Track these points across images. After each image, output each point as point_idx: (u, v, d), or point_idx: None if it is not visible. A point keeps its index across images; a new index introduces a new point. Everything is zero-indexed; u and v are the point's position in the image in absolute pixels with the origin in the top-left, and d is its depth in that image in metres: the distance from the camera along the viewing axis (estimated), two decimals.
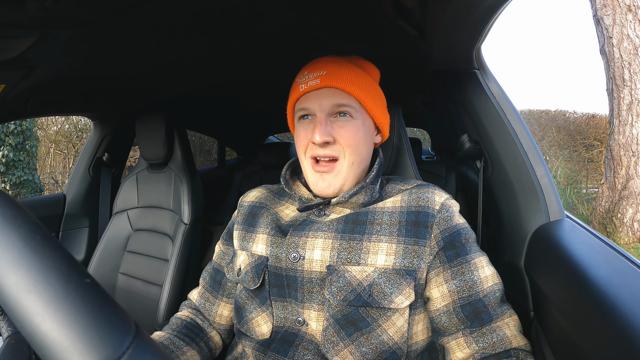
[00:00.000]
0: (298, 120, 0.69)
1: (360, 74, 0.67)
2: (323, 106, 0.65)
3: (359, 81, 0.66)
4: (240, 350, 0.69)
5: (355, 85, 0.65)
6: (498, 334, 0.58)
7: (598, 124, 5.92)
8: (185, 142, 1.43)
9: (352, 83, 0.65)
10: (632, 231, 3.82)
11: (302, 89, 0.66)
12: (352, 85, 0.65)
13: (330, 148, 0.65)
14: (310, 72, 0.67)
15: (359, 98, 0.66)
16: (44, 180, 4.69)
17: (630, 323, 0.42)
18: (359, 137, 0.66)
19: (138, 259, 1.38)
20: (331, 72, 0.65)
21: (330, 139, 0.64)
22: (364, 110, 0.67)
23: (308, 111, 0.67)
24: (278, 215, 0.72)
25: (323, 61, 0.68)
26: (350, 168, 0.66)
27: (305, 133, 0.67)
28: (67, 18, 0.67)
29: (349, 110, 0.65)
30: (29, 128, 3.92)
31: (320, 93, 0.65)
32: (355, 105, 0.66)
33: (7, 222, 0.22)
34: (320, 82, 0.64)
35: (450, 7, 0.61)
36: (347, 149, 0.65)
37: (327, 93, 0.65)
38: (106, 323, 0.21)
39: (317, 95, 0.65)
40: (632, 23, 3.71)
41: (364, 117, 0.67)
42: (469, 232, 0.65)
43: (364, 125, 0.67)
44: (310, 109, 0.66)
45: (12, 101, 1.06)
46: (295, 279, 0.63)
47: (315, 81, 0.65)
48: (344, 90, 0.64)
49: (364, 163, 0.69)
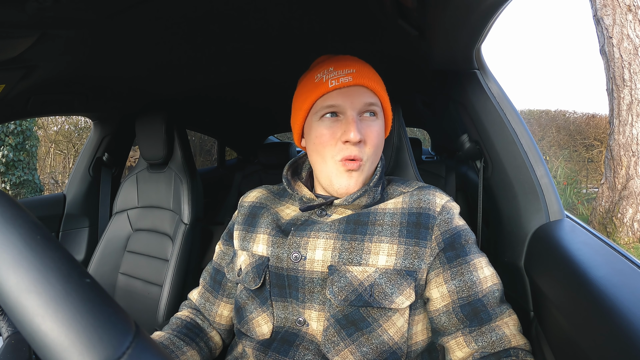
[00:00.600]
0: (320, 119, 0.66)
1: (378, 76, 0.69)
2: (355, 104, 0.63)
3: (380, 82, 0.68)
4: (240, 350, 0.69)
5: (380, 86, 0.67)
6: (497, 333, 0.58)
7: (598, 124, 5.92)
8: (185, 142, 1.43)
9: (378, 83, 0.67)
10: (632, 231, 3.82)
11: (332, 85, 0.63)
12: (379, 85, 0.67)
13: (361, 148, 0.64)
14: (337, 68, 0.65)
15: (383, 99, 0.68)
16: (44, 180, 4.69)
17: (630, 323, 0.42)
18: (381, 137, 0.68)
19: (138, 259, 1.38)
20: (361, 71, 0.65)
21: (363, 137, 0.64)
22: (382, 112, 0.69)
23: (337, 108, 0.64)
24: (278, 215, 0.72)
25: (348, 59, 0.67)
26: (370, 166, 0.67)
27: (333, 132, 0.64)
28: (67, 18, 0.67)
29: (377, 110, 0.66)
30: (29, 128, 3.92)
31: (351, 91, 0.64)
32: (380, 105, 0.68)
33: (7, 222, 0.22)
34: (353, 80, 0.63)
35: (450, 7, 0.61)
36: (371, 149, 0.65)
37: (358, 91, 0.64)
38: (106, 323, 0.21)
39: (348, 92, 0.63)
40: (632, 23, 3.72)
41: (383, 118, 0.69)
42: (469, 233, 0.65)
43: (382, 126, 0.69)
44: (340, 107, 0.63)
45: (12, 101, 1.06)
46: (297, 279, 0.63)
47: (347, 78, 0.63)
48: (373, 90, 0.66)
49: (376, 164, 0.70)
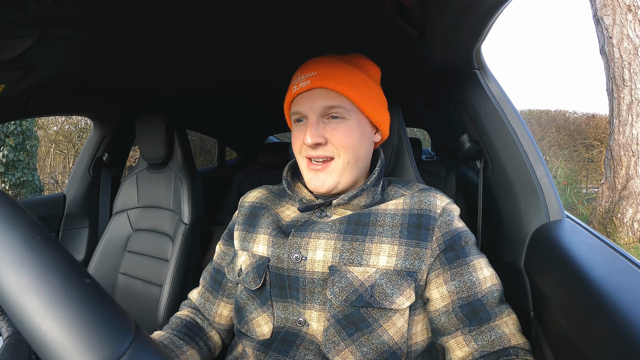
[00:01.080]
0: (294, 123, 0.69)
1: (354, 73, 0.66)
2: (314, 108, 0.64)
3: (352, 80, 0.65)
4: (240, 350, 0.69)
5: (346, 84, 0.64)
6: (496, 332, 0.59)
7: (598, 124, 5.92)
8: (185, 142, 1.43)
9: (343, 83, 0.64)
10: (632, 231, 3.82)
11: (294, 91, 0.66)
12: (343, 84, 0.64)
13: (322, 149, 0.65)
14: (302, 73, 0.67)
15: (351, 97, 0.64)
16: (44, 180, 4.69)
17: (630, 323, 0.42)
18: (353, 138, 0.65)
19: (138, 259, 1.38)
20: (322, 73, 0.64)
21: (322, 140, 0.64)
22: (357, 110, 0.66)
23: (300, 114, 0.66)
24: (279, 216, 0.72)
25: (316, 61, 0.67)
26: (346, 167, 0.66)
27: (299, 135, 0.67)
28: (67, 18, 0.67)
29: (340, 112, 0.64)
30: (29, 128, 3.91)
31: (311, 94, 0.65)
32: (347, 105, 0.65)
33: (7, 222, 0.22)
34: (311, 83, 0.64)
35: (450, 7, 0.61)
36: (341, 149, 0.64)
37: (318, 94, 0.64)
38: (106, 323, 0.21)
39: (308, 96, 0.65)
40: (632, 23, 3.71)
41: (358, 117, 0.66)
42: (469, 235, 0.65)
43: (358, 126, 0.66)
44: (302, 112, 0.66)
45: (12, 101, 1.06)
46: (297, 280, 0.63)
47: (305, 82, 0.65)
48: (335, 90, 0.63)
49: (361, 163, 0.68)
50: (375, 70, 0.73)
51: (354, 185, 0.69)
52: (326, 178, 0.66)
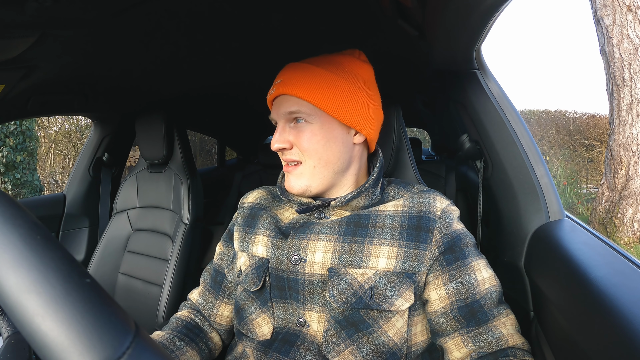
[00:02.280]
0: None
1: (323, 75, 0.64)
2: (279, 114, 0.67)
3: (316, 84, 0.63)
4: (240, 350, 0.69)
5: (307, 89, 0.63)
6: (494, 333, 0.59)
7: (598, 124, 5.92)
8: (185, 142, 1.43)
9: (303, 88, 0.63)
10: (632, 231, 3.82)
11: (268, 98, 0.70)
12: (304, 89, 0.63)
13: (289, 153, 0.67)
14: (275, 79, 0.68)
15: (313, 101, 0.63)
16: (44, 180, 4.69)
17: (630, 323, 0.42)
18: (316, 141, 0.64)
19: (138, 259, 1.38)
20: (286, 79, 0.65)
21: (286, 145, 0.65)
22: (321, 113, 0.64)
23: (273, 120, 0.69)
24: (278, 217, 0.72)
25: (286, 68, 0.68)
26: (314, 171, 0.65)
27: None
28: (67, 18, 0.67)
29: (302, 116, 0.64)
30: (29, 128, 3.92)
31: (277, 101, 0.67)
32: (309, 110, 0.64)
33: (7, 222, 0.22)
34: (276, 91, 0.66)
35: (450, 8, 0.61)
36: (305, 153, 0.65)
37: (282, 100, 0.66)
38: (106, 323, 0.21)
39: (276, 103, 0.68)
40: (632, 23, 3.72)
41: (323, 120, 0.64)
42: (468, 236, 0.65)
43: (322, 129, 0.64)
44: (273, 118, 0.69)
45: (12, 101, 1.06)
46: (297, 282, 0.63)
47: (272, 90, 0.67)
48: (294, 95, 0.64)
49: (334, 166, 0.66)
50: (363, 70, 0.69)
51: (332, 187, 0.68)
52: (295, 181, 0.67)
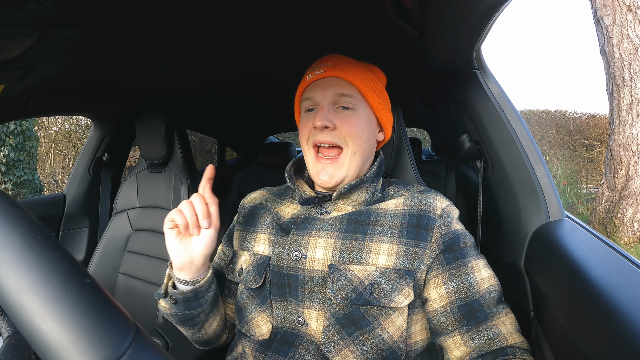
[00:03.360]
0: (304, 113, 0.72)
1: (365, 71, 0.70)
2: (326, 94, 0.67)
3: (364, 76, 0.69)
4: (240, 350, 0.69)
5: (358, 78, 0.68)
6: (494, 332, 0.59)
7: (598, 124, 5.92)
8: (185, 142, 1.43)
9: (356, 75, 0.68)
10: (632, 231, 3.82)
11: (308, 79, 0.70)
12: (356, 77, 0.68)
13: (330, 134, 0.66)
14: (317, 64, 0.70)
15: (362, 90, 0.68)
16: (44, 180, 4.69)
17: (630, 323, 0.42)
18: (361, 128, 0.67)
19: (138, 259, 1.38)
20: (337, 64, 0.69)
21: (331, 124, 0.66)
22: (366, 103, 0.69)
23: (312, 100, 0.69)
24: (278, 214, 0.73)
25: (331, 56, 0.72)
26: (353, 158, 0.67)
27: (307, 122, 0.70)
28: (67, 18, 0.67)
29: (351, 101, 0.67)
30: (29, 128, 3.92)
31: (324, 82, 0.68)
32: (358, 96, 0.68)
33: (7, 222, 0.22)
34: (326, 72, 0.68)
35: (449, 8, 0.61)
36: (349, 138, 0.66)
37: (331, 82, 0.68)
38: (106, 323, 0.21)
39: (321, 84, 0.68)
40: (632, 23, 3.71)
41: (367, 111, 0.69)
42: (468, 236, 0.66)
43: (366, 118, 0.69)
44: (314, 98, 0.69)
45: (12, 101, 1.06)
46: (297, 278, 0.63)
47: (321, 71, 0.68)
48: (348, 80, 0.67)
49: (365, 156, 0.70)
50: (383, 76, 0.77)
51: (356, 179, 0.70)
52: (335, 172, 0.67)
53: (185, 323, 0.68)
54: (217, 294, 0.70)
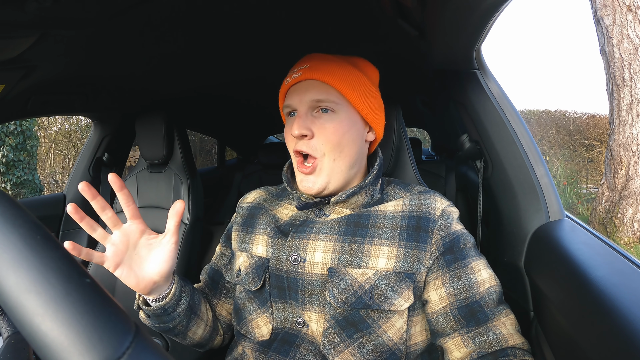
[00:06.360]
0: (287, 117, 0.69)
1: (348, 68, 0.65)
2: (303, 100, 0.64)
3: (344, 75, 0.64)
4: (240, 351, 0.69)
5: (338, 78, 0.63)
6: (494, 333, 0.59)
7: (598, 124, 5.92)
8: (185, 142, 1.43)
9: (334, 76, 0.63)
10: (632, 231, 3.82)
11: (286, 83, 0.67)
12: (334, 77, 0.63)
13: (307, 144, 0.64)
14: (296, 66, 0.67)
15: (342, 91, 0.63)
16: (44, 180, 4.69)
17: (630, 323, 0.42)
18: (341, 133, 0.63)
19: None
20: (314, 65, 0.64)
21: (308, 132, 0.63)
22: (348, 105, 0.65)
23: (291, 107, 0.66)
24: (276, 216, 0.72)
25: (311, 56, 0.68)
26: (334, 164, 0.64)
27: (288, 127, 0.67)
28: (67, 18, 0.67)
29: (330, 105, 0.63)
30: (29, 128, 3.92)
31: (301, 86, 0.65)
32: (337, 99, 0.64)
33: (7, 222, 0.22)
34: (302, 75, 0.64)
35: (450, 7, 0.61)
36: (327, 146, 0.63)
37: (308, 86, 0.64)
38: (106, 323, 0.21)
39: (298, 89, 0.65)
40: (632, 23, 3.71)
41: (349, 112, 0.65)
42: (468, 237, 0.65)
43: (348, 120, 0.65)
44: (292, 105, 0.66)
45: (12, 101, 1.06)
46: (296, 281, 0.63)
47: (297, 74, 0.65)
48: (325, 82, 0.63)
49: (351, 160, 0.66)
50: (373, 71, 0.72)
51: (346, 186, 0.68)
52: (316, 179, 0.65)
53: (166, 333, 0.67)
54: (194, 304, 0.68)
